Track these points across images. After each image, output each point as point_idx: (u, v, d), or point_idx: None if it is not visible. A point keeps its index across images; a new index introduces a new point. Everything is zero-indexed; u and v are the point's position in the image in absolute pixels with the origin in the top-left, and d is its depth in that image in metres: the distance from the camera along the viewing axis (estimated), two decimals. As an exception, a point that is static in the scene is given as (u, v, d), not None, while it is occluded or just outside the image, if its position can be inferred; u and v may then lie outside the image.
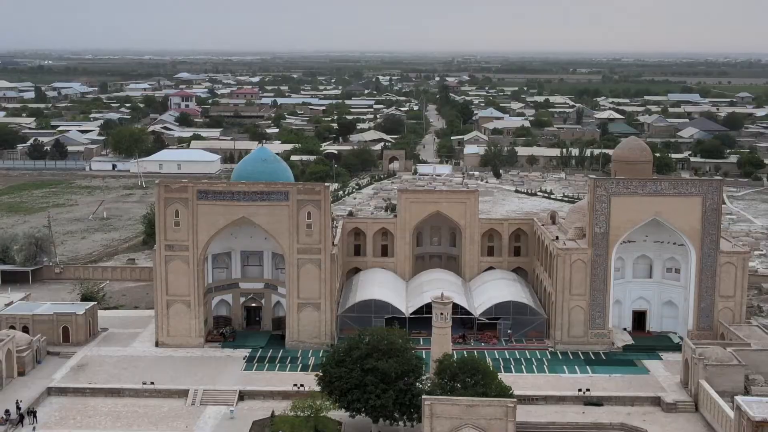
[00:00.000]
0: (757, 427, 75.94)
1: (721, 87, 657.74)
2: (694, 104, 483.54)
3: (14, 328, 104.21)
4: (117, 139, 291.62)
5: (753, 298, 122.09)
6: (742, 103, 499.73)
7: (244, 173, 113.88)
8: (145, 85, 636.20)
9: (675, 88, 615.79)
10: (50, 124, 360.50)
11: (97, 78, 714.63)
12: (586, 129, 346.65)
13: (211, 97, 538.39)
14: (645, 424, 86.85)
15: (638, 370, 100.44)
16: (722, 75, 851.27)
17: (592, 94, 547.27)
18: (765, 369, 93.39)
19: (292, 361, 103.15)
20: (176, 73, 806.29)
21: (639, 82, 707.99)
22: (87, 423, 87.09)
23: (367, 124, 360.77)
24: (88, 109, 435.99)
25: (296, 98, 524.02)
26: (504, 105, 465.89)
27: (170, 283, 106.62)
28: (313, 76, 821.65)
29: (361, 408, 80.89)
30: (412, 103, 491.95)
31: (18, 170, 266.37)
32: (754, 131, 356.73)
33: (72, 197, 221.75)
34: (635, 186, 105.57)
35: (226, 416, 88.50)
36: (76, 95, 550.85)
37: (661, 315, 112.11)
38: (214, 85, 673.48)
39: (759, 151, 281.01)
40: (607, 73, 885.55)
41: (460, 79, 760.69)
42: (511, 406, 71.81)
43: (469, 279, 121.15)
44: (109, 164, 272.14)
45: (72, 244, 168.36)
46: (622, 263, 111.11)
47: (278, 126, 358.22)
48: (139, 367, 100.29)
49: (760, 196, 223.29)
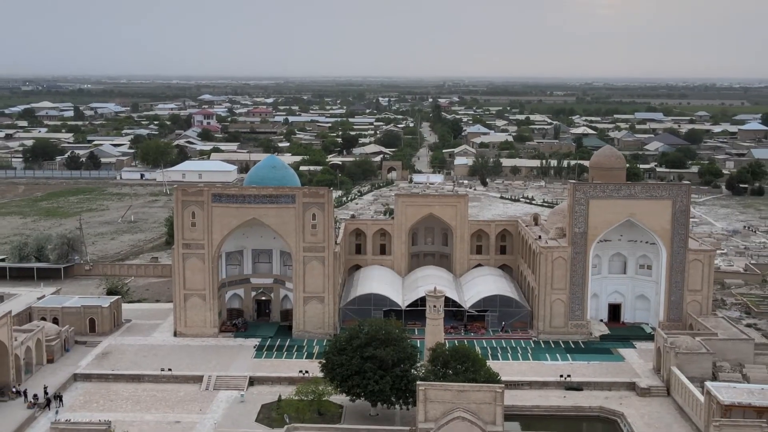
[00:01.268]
0: (726, 410, 73.26)
1: (681, 107, 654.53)
2: (658, 122, 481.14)
3: (45, 319, 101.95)
4: (145, 151, 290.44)
5: (717, 292, 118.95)
6: (700, 120, 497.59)
7: (255, 179, 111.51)
8: (171, 106, 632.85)
9: (640, 107, 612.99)
10: (86, 138, 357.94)
11: (130, 99, 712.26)
12: (562, 143, 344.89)
13: (230, 115, 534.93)
14: (621, 407, 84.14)
15: (614, 357, 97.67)
16: (682, 97, 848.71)
17: (568, 113, 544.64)
18: (731, 357, 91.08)
19: (298, 349, 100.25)
20: (200, 95, 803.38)
21: (608, 102, 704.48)
22: (109, 406, 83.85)
23: (368, 139, 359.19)
24: (121, 126, 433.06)
25: (305, 116, 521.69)
26: (489, 122, 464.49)
27: (187, 278, 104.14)
28: (321, 97, 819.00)
29: (361, 393, 78.58)
30: (408, 121, 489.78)
31: (56, 179, 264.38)
32: (712, 145, 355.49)
33: (103, 203, 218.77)
34: (611, 190, 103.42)
35: (237, 400, 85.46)
36: (110, 114, 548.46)
37: (635, 307, 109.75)
38: (233, 105, 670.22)
39: (717, 163, 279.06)
40: (580, 95, 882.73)
41: (450, 100, 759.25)
42: (499, 391, 69.03)
43: (459, 275, 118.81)
44: (137, 174, 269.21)
45: (102, 244, 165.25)
46: (599, 260, 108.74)
47: (289, 140, 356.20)
48: (158, 355, 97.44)
49: (719, 201, 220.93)
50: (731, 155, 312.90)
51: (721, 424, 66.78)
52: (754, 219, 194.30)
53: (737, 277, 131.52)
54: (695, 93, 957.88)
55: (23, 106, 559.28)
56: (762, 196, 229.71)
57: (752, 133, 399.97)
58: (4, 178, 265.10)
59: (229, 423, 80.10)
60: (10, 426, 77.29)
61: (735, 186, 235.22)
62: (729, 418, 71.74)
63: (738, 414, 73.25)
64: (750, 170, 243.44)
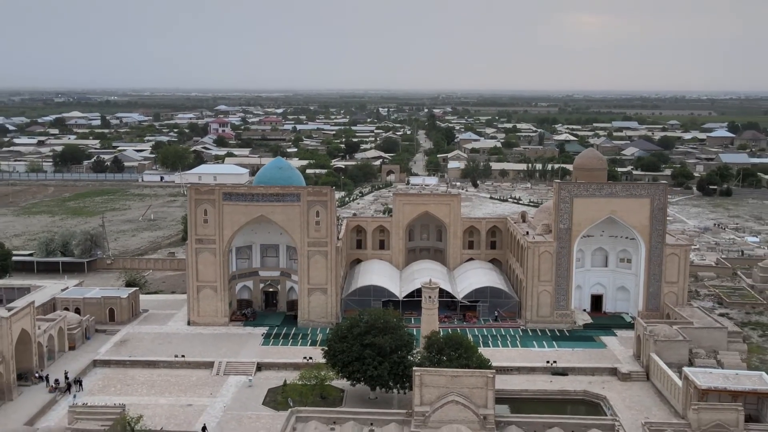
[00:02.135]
0: (703, 394, 71.03)
1: (654, 117, 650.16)
2: (633, 129, 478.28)
3: (68, 309, 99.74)
4: (164, 156, 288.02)
5: (691, 284, 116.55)
6: (672, 128, 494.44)
7: (263, 179, 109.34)
8: (190, 115, 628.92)
9: (617, 117, 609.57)
10: (111, 144, 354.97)
11: (152, 109, 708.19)
12: (546, 148, 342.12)
13: (243, 124, 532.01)
14: (604, 391, 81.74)
15: (597, 345, 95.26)
16: (654, 108, 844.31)
17: (551, 122, 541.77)
18: (706, 344, 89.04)
19: (303, 337, 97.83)
20: (216, 106, 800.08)
21: (588, 113, 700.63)
22: (126, 390, 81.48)
23: (368, 145, 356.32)
24: (143, 133, 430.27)
25: (312, 125, 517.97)
26: (480, 130, 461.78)
27: (200, 271, 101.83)
28: (326, 108, 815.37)
29: (361, 378, 76.49)
30: (406, 129, 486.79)
31: (83, 181, 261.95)
32: (683, 150, 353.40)
33: (126, 203, 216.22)
34: (593, 189, 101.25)
35: (245, 384, 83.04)
36: (134, 123, 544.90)
37: (615, 298, 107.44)
38: (246, 115, 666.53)
39: (688, 166, 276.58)
40: (562, 106, 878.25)
41: (444, 110, 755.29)
42: (490, 376, 66.66)
43: (452, 268, 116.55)
44: (157, 176, 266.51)
45: (124, 240, 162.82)
46: (582, 254, 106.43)
47: (297, 146, 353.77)
48: (172, 343, 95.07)
49: (690, 201, 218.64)
50: (701, 159, 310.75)
51: (700, 407, 64.45)
52: (723, 217, 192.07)
53: (709, 270, 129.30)
54: (667, 104, 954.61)
55: (55, 115, 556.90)
56: (730, 197, 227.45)
57: (720, 139, 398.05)
58: (36, 180, 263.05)
59: (237, 406, 77.78)
60: (32, 409, 75.05)
61: (705, 187, 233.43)
62: (705, 401, 69.52)
63: (714, 398, 71.04)
64: (719, 173, 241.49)
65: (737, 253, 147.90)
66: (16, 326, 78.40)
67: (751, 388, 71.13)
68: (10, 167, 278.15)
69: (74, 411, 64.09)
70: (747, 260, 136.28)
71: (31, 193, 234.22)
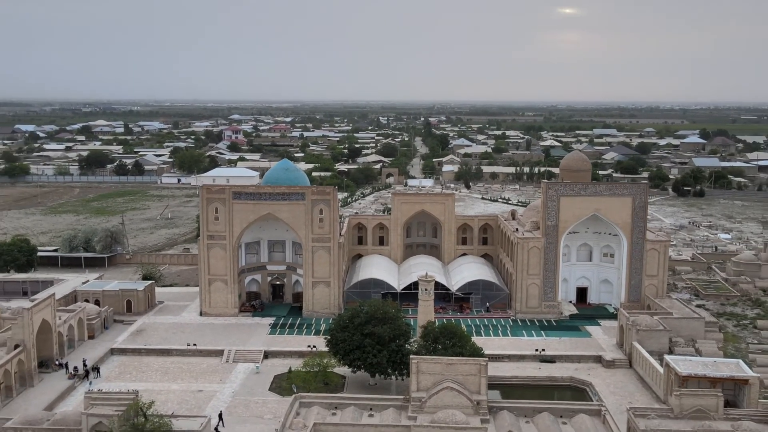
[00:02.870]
0: (684, 380, 68.87)
1: (631, 125, 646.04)
2: (612, 136, 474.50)
3: (88, 301, 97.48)
4: (182, 160, 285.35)
5: (669, 277, 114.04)
6: (648, 135, 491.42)
7: (270, 179, 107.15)
8: (206, 123, 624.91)
9: (598, 125, 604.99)
10: (133, 150, 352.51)
11: (172, 118, 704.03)
12: (533, 153, 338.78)
13: (255, 131, 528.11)
14: (589, 377, 79.63)
15: (582, 334, 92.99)
16: (631, 116, 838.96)
17: (537, 129, 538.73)
18: (684, 333, 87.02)
19: (307, 327, 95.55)
20: (230, 115, 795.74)
21: (571, 121, 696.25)
22: (141, 377, 79.26)
23: (370, 150, 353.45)
24: (163, 140, 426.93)
25: (318, 132, 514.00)
26: (472, 137, 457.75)
27: (211, 265, 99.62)
28: (331, 117, 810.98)
29: (361, 365, 74.30)
30: (404, 136, 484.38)
31: (106, 183, 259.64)
32: (659, 155, 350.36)
33: (145, 203, 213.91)
34: (579, 188, 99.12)
35: (253, 371, 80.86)
36: (155, 130, 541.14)
37: (599, 290, 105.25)
38: (257, 123, 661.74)
39: (664, 169, 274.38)
40: (547, 115, 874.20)
41: (439, 119, 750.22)
42: (483, 364, 64.39)
43: (447, 262, 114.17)
44: (175, 179, 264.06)
45: (143, 237, 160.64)
46: (568, 249, 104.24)
47: (304, 151, 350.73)
48: (185, 332, 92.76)
49: (666, 202, 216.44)
50: (675, 163, 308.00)
51: (682, 393, 62.12)
52: (696, 216, 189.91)
53: (686, 264, 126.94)
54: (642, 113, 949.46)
55: (82, 123, 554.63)
56: (703, 197, 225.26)
57: (692, 145, 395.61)
58: (63, 182, 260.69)
59: (245, 391, 75.55)
60: (52, 395, 72.93)
61: (680, 189, 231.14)
62: (686, 387, 67.33)
63: (693, 384, 68.82)
64: (692, 176, 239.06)
65: (711, 248, 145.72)
66: (37, 317, 76.24)
67: (728, 374, 68.97)
68: (39, 170, 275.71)
69: (90, 396, 61.76)
70: (720, 255, 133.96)
71: (58, 194, 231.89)
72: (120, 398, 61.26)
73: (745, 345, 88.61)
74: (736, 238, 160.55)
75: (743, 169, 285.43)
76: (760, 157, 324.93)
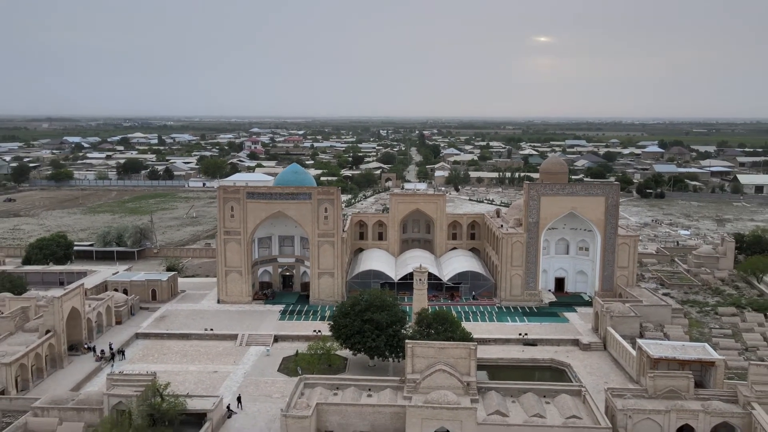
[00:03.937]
0: (655, 362, 65.18)
1: (598, 137, 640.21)
2: (582, 146, 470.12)
3: (117, 290, 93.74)
4: (206, 167, 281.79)
5: (637, 269, 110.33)
6: (613, 146, 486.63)
7: (281, 181, 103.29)
8: (229, 136, 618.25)
9: (569, 137, 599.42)
10: (165, 158, 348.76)
11: (200, 131, 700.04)
12: (513, 161, 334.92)
13: (272, 142, 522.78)
14: (568, 359, 75.85)
15: (560, 320, 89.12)
16: (598, 130, 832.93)
17: (517, 140, 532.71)
18: (653, 319, 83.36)
19: (314, 313, 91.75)
20: (250, 129, 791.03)
21: (546, 134, 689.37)
22: (162, 359, 75.53)
23: (371, 158, 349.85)
24: (191, 150, 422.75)
25: (326, 143, 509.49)
26: (460, 147, 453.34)
27: (228, 258, 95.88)
28: (338, 130, 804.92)
29: (361, 348, 70.67)
30: (401, 146, 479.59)
31: (140, 187, 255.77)
32: (624, 162, 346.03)
33: (174, 204, 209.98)
34: (557, 189, 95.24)
35: (264, 354, 77.09)
36: (185, 141, 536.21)
37: (576, 280, 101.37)
38: (274, 135, 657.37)
39: (628, 174, 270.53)
40: (525, 129, 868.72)
41: (432, 132, 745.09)
42: (473, 348, 60.54)
43: (439, 255, 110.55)
44: (200, 183, 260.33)
45: (170, 233, 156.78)
46: (548, 243, 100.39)
47: (314, 159, 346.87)
48: (204, 318, 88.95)
49: (631, 202, 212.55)
50: (638, 169, 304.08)
51: (656, 375, 58.32)
52: (658, 215, 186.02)
53: (652, 257, 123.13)
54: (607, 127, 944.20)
55: (122, 136, 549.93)
56: (663, 199, 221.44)
57: (652, 154, 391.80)
58: (102, 186, 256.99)
59: (256, 372, 71.80)
60: (79, 376, 69.25)
61: (643, 191, 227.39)
62: (657, 369, 63.61)
63: (664, 366, 65.22)
64: (653, 180, 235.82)
65: (673, 243, 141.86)
66: (66, 305, 72.52)
67: (696, 357, 65.31)
68: (81, 176, 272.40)
69: (112, 378, 58.06)
70: (681, 249, 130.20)
71: (98, 197, 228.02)
72: (139, 380, 57.54)
73: (708, 330, 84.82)
74: (694, 234, 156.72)
75: (698, 174, 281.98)
76: (712, 163, 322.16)
